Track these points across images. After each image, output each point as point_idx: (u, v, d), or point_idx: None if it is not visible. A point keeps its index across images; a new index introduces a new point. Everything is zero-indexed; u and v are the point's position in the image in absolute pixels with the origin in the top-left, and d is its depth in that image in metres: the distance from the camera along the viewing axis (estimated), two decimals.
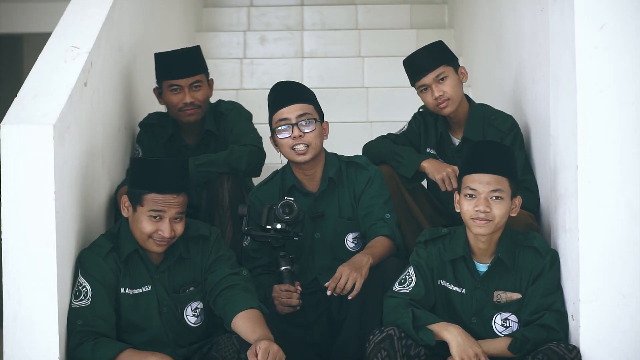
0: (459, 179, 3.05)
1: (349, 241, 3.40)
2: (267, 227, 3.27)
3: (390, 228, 3.33)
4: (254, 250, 3.38)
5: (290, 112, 3.32)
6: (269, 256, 3.37)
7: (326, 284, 3.13)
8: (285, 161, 3.45)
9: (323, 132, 3.39)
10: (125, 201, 3.04)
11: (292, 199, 3.27)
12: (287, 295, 3.21)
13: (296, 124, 3.31)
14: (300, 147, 3.31)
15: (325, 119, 3.44)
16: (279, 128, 3.32)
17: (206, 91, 3.78)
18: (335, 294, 3.11)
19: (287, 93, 3.38)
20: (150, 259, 3.05)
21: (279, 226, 3.25)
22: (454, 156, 3.60)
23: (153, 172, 2.99)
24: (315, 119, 3.34)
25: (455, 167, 3.39)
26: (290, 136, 3.31)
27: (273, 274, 3.34)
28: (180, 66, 3.72)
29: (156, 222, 2.97)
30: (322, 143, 3.39)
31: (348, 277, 3.09)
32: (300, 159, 3.33)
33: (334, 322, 3.31)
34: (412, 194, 3.58)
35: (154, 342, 3.03)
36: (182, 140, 3.84)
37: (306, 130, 3.31)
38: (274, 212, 3.27)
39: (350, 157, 3.50)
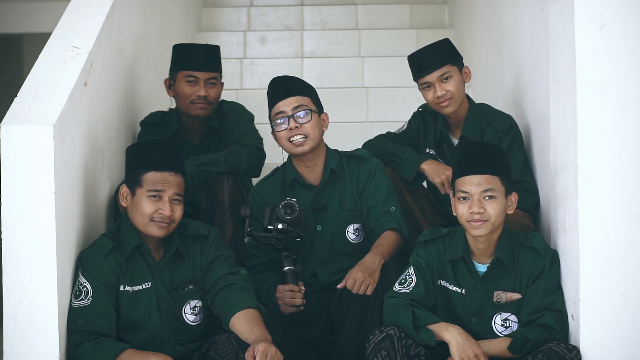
0: (452, 183, 3.05)
1: (350, 232, 3.39)
2: (269, 227, 3.27)
3: (397, 221, 3.33)
4: (254, 247, 3.38)
5: (286, 104, 3.33)
6: (269, 254, 3.37)
7: (339, 286, 3.14)
8: (286, 157, 3.45)
9: (322, 123, 3.39)
10: (123, 191, 3.05)
11: (294, 199, 3.27)
12: (291, 295, 3.21)
13: (292, 115, 3.32)
14: (297, 139, 3.32)
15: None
16: (277, 121, 3.33)
17: (219, 90, 3.82)
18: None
19: (282, 86, 3.39)
20: (151, 254, 3.06)
21: (280, 226, 3.25)
22: (453, 156, 3.59)
23: (149, 152, 3.04)
24: (311, 110, 3.34)
25: None
26: (286, 128, 3.32)
27: (274, 272, 3.34)
28: (202, 60, 3.78)
29: (156, 202, 2.99)
30: (320, 134, 3.38)
31: (362, 283, 3.10)
32: (299, 150, 3.33)
33: (333, 320, 3.31)
34: (412, 195, 3.57)
35: (153, 340, 3.03)
36: (185, 138, 3.85)
37: (302, 122, 3.32)
38: (276, 213, 3.27)
39: (351, 151, 3.50)
